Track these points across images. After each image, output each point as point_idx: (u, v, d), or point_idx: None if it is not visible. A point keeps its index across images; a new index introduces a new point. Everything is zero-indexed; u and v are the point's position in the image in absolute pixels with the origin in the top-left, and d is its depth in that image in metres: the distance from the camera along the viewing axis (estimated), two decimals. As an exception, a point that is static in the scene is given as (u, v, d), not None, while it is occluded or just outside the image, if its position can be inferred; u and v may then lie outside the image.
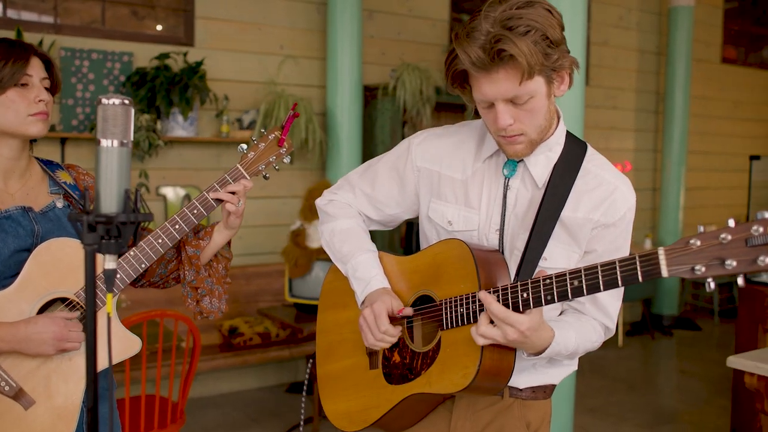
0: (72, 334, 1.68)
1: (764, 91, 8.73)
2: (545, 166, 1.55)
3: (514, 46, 1.34)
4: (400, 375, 1.62)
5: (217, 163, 4.92)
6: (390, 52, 5.70)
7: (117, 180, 1.13)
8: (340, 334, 1.80)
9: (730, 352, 6.52)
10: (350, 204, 1.79)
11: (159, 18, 4.86)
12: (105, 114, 1.13)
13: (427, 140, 1.71)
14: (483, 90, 1.43)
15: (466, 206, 1.61)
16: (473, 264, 1.49)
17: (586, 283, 1.30)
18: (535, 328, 1.39)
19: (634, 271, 1.23)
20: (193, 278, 1.88)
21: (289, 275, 4.34)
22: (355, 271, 1.69)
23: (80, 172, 1.93)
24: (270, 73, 5.10)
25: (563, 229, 1.53)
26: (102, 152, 1.13)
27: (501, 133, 1.47)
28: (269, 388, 5.19)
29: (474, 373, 1.45)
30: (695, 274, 1.15)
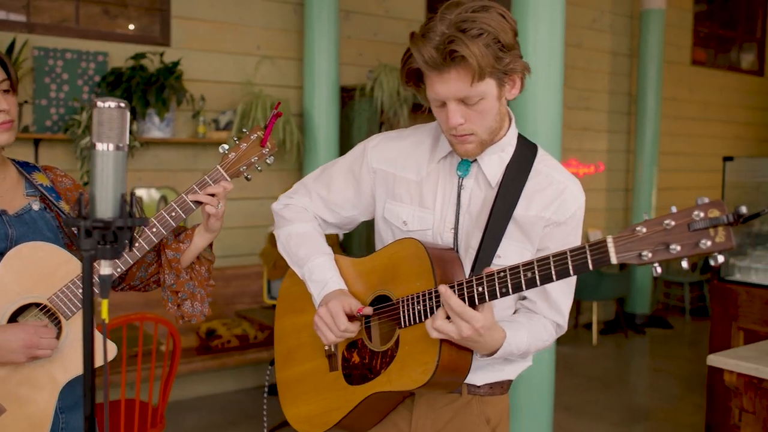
0: (43, 341, 1.63)
1: (733, 93, 8.89)
2: (498, 166, 1.60)
3: (466, 47, 1.38)
4: (360, 375, 1.64)
5: (194, 164, 4.88)
6: (367, 53, 5.70)
7: (113, 184, 1.12)
8: (298, 338, 1.80)
9: (702, 349, 6.65)
10: (306, 208, 1.81)
11: (134, 17, 4.81)
12: (100, 117, 1.11)
13: (382, 143, 1.74)
14: (435, 89, 1.47)
15: (421, 206, 1.65)
16: (428, 261, 1.52)
17: (539, 273, 1.33)
18: (488, 327, 1.42)
19: (584, 259, 1.27)
20: (173, 282, 1.84)
21: (267, 277, 4.32)
22: (312, 274, 1.71)
23: (57, 173, 1.89)
24: (247, 74, 5.07)
25: (516, 228, 1.57)
26: (98, 156, 1.11)
27: (452, 132, 1.52)
28: (246, 390, 5.15)
29: (433, 369, 1.47)
30: (642, 260, 1.20)
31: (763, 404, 2.39)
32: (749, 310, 3.87)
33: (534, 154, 1.62)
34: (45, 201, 1.82)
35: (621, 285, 6.80)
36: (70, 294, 1.69)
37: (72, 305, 1.69)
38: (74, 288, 1.69)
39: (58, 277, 1.69)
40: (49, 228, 1.80)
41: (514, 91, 1.53)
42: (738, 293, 3.91)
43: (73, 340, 1.71)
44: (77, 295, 1.68)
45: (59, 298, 1.69)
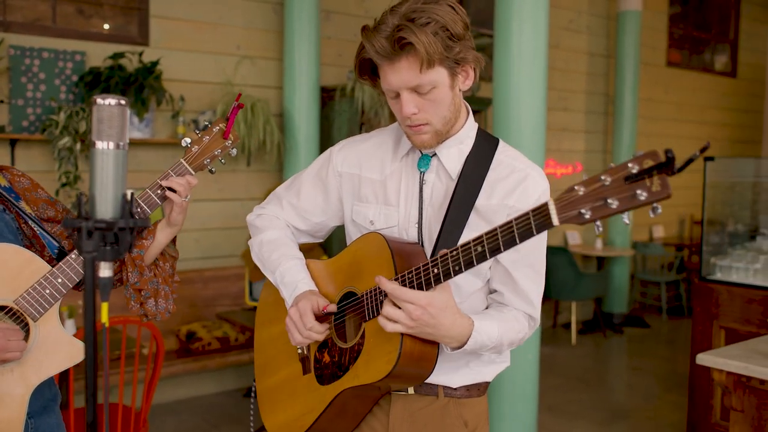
0: (11, 343, 1.59)
1: (706, 94, 9.02)
2: (458, 158, 1.61)
3: (414, 35, 1.42)
4: (331, 374, 1.64)
5: (174, 165, 4.82)
6: (346, 54, 5.68)
7: (113, 184, 1.09)
8: (275, 347, 1.81)
9: (679, 348, 6.72)
10: (278, 216, 1.83)
11: (112, 16, 4.73)
12: (100, 115, 1.08)
13: (347, 146, 1.77)
14: (388, 79, 1.50)
15: (385, 204, 1.66)
16: (389, 252, 1.52)
17: (487, 246, 1.33)
18: (439, 306, 1.41)
19: (528, 225, 1.26)
20: (136, 280, 1.79)
21: (249, 278, 4.27)
22: (283, 277, 1.72)
23: (14, 173, 1.84)
24: (227, 74, 5.02)
25: (479, 217, 1.58)
26: (97, 155, 1.08)
27: (407, 122, 1.54)
28: (227, 392, 5.10)
29: (396, 357, 1.46)
30: (583, 218, 1.19)
31: (752, 402, 2.41)
32: (730, 309, 3.91)
33: (495, 146, 1.64)
34: (3, 202, 1.77)
35: (599, 285, 6.85)
36: (36, 295, 1.65)
37: (39, 306, 1.65)
38: (41, 289, 1.65)
39: (23, 279, 1.65)
40: (9, 230, 1.75)
41: (468, 82, 1.55)
42: (719, 292, 3.95)
43: (43, 341, 1.67)
44: (44, 296, 1.65)
45: (26, 300, 1.65)
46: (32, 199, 1.81)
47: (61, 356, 1.68)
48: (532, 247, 1.56)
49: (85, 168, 4.40)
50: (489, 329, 1.51)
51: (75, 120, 4.20)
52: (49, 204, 1.83)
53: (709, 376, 3.98)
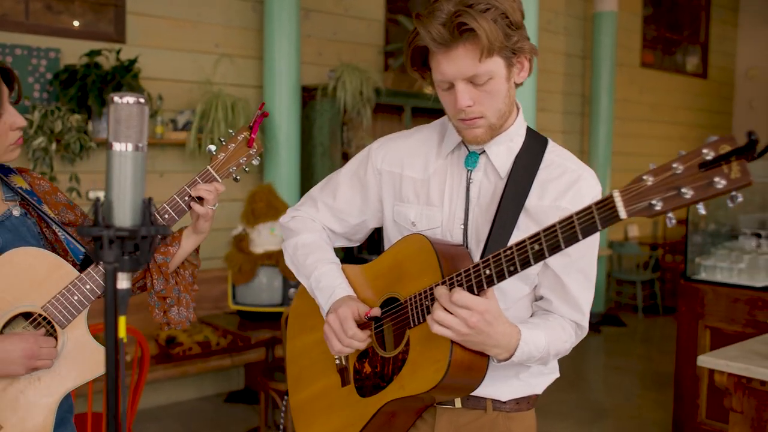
0: (43, 350, 1.55)
1: (679, 95, 9.12)
2: (507, 156, 1.53)
3: (474, 20, 1.34)
4: (373, 386, 1.55)
5: (152, 165, 4.70)
6: (326, 53, 5.61)
7: (132, 188, 1.02)
8: (310, 358, 1.73)
9: (655, 346, 6.78)
10: (313, 218, 1.76)
11: (87, 12, 4.60)
12: (118, 114, 1.01)
13: (387, 144, 1.69)
14: (442, 69, 1.42)
15: (428, 204, 1.58)
16: (434, 254, 1.44)
17: (546, 243, 1.25)
18: (494, 314, 1.34)
19: (592, 219, 1.18)
20: (162, 287, 1.76)
21: (232, 281, 4.19)
22: (319, 282, 1.64)
23: (34, 176, 1.79)
24: (205, 73, 4.92)
25: (529, 218, 1.50)
26: (114, 157, 1.01)
27: (460, 115, 1.45)
28: (208, 398, 5.00)
29: (446, 366, 1.38)
30: (654, 210, 1.11)
31: (751, 404, 2.40)
32: (715, 309, 3.93)
33: (544, 145, 1.56)
34: (25, 205, 1.71)
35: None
36: (65, 301, 1.60)
37: (68, 313, 1.60)
38: (69, 295, 1.60)
39: (51, 284, 1.60)
40: (32, 234, 1.70)
41: (523, 74, 1.48)
42: (704, 292, 3.97)
43: (70, 349, 1.63)
44: (72, 302, 1.60)
45: (54, 306, 1.60)
46: (53, 203, 1.75)
47: (89, 365, 1.63)
48: (583, 252, 1.49)
49: (61, 169, 4.27)
50: (537, 339, 1.43)
51: (50, 119, 4.07)
52: (69, 208, 1.78)
53: (695, 375, 4.01)
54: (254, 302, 4.17)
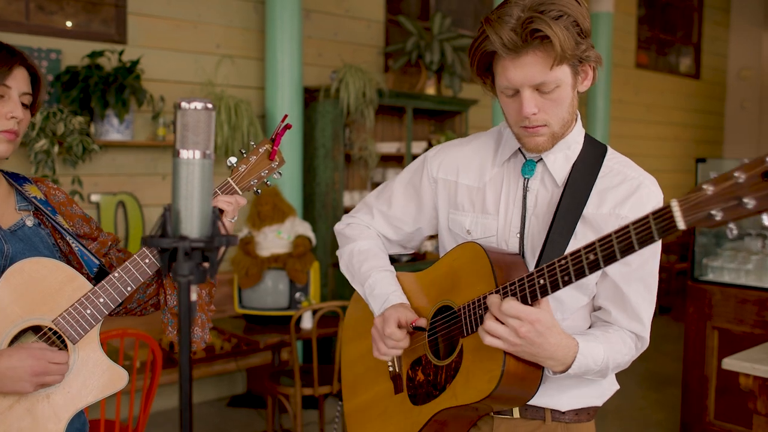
0: (53, 367, 1.48)
1: (672, 95, 9.16)
2: (564, 164, 1.52)
3: (549, 27, 1.32)
4: (426, 393, 1.55)
5: (154, 168, 4.64)
6: (326, 53, 5.57)
7: (199, 197, 0.98)
8: (364, 365, 1.74)
9: (652, 346, 6.76)
10: (369, 225, 1.77)
11: (88, 13, 4.53)
12: (185, 120, 0.97)
13: (442, 151, 1.68)
14: (509, 75, 1.39)
15: (483, 213, 1.57)
16: (488, 263, 1.44)
17: (601, 254, 1.23)
18: (546, 324, 1.32)
19: (649, 230, 1.16)
20: (175, 304, 1.68)
21: (238, 285, 4.14)
22: (373, 290, 1.65)
23: (50, 186, 1.73)
24: (207, 73, 4.87)
25: (587, 227, 1.48)
26: (182, 165, 0.97)
27: (524, 123, 1.43)
28: (210, 402, 4.95)
29: (499, 376, 1.37)
30: (714, 220, 1.08)
31: (775, 406, 2.40)
32: (723, 310, 3.93)
33: (603, 153, 1.54)
34: (39, 216, 1.65)
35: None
36: (77, 315, 1.53)
37: (80, 327, 1.53)
38: (81, 309, 1.53)
39: (63, 297, 1.54)
40: (45, 245, 1.64)
41: (587, 83, 1.46)
42: (712, 293, 3.97)
43: (82, 365, 1.55)
44: (85, 316, 1.53)
45: (65, 320, 1.53)
46: (68, 214, 1.69)
47: (101, 382, 1.56)
48: (645, 260, 1.46)
49: (63, 172, 4.20)
50: (594, 352, 1.41)
51: (52, 122, 4.01)
52: (84, 220, 1.72)
53: (703, 375, 4.01)
54: (260, 306, 4.13)
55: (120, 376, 1.58)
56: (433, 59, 5.51)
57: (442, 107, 5.73)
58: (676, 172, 9.11)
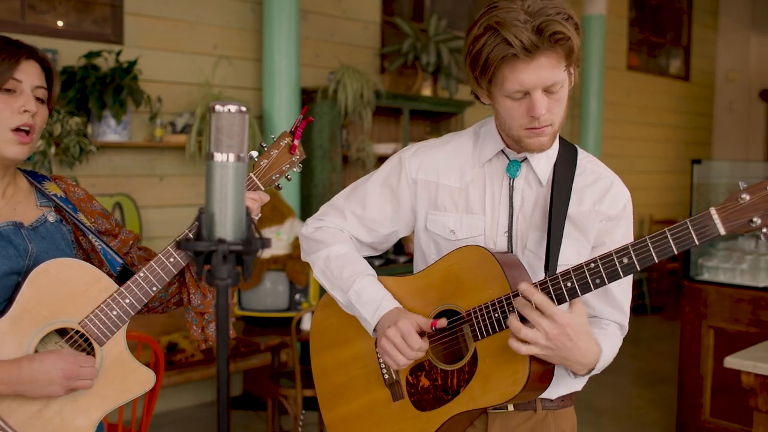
0: (84, 370, 1.48)
1: (663, 97, 9.23)
2: (547, 164, 1.57)
3: (566, 29, 1.37)
4: (434, 398, 1.55)
5: (151, 169, 4.63)
6: (324, 54, 5.57)
7: (233, 200, 0.99)
8: (346, 373, 1.70)
9: (645, 346, 6.84)
10: (342, 229, 1.72)
11: (85, 13, 4.52)
12: (219, 123, 0.98)
13: (420, 152, 1.68)
14: (522, 78, 1.40)
15: (468, 213, 1.59)
16: (498, 266, 1.46)
17: (636, 257, 1.29)
18: (577, 329, 1.35)
19: (688, 234, 1.24)
20: (199, 302, 1.68)
21: (238, 286, 4.14)
22: (360, 297, 1.61)
23: (69, 183, 1.73)
24: (204, 74, 4.86)
25: (572, 226, 1.54)
26: (216, 168, 0.98)
27: (532, 124, 1.45)
28: (207, 405, 4.94)
29: (525, 379, 1.41)
30: (752, 226, 1.18)
31: (776, 404, 2.43)
32: (719, 309, 3.97)
33: (575, 152, 1.60)
34: (60, 212, 1.65)
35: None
36: (103, 317, 1.53)
37: (106, 329, 1.53)
38: (108, 310, 1.53)
39: (90, 299, 1.53)
40: (66, 243, 1.64)
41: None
42: (708, 293, 4.01)
43: (108, 368, 1.55)
44: (111, 317, 1.53)
45: (92, 322, 1.53)
46: (88, 211, 1.68)
47: (129, 384, 1.56)
48: None
49: (60, 173, 4.18)
50: (607, 351, 1.47)
51: (48, 122, 3.99)
52: (103, 216, 1.72)
53: (699, 374, 4.05)
54: (260, 307, 4.13)
55: (147, 377, 1.58)
56: (430, 61, 5.53)
57: (438, 108, 5.75)
58: (668, 173, 9.17)
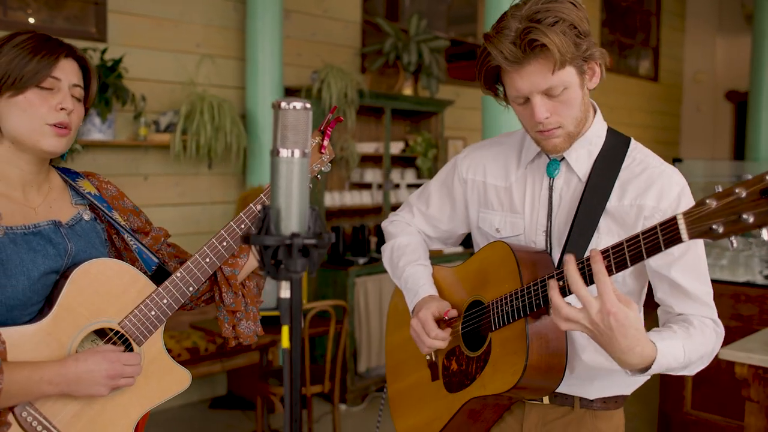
0: (127, 369, 1.49)
1: (634, 97, 9.40)
2: (587, 160, 1.56)
3: (544, 35, 1.37)
4: (459, 382, 1.64)
5: (135, 168, 4.59)
6: (306, 53, 5.57)
7: (298, 195, 1.01)
8: (405, 352, 1.85)
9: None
10: (409, 223, 1.88)
11: (68, 10, 4.46)
12: (284, 120, 1.00)
13: (471, 153, 1.77)
14: (516, 85, 1.45)
15: (511, 212, 1.64)
16: (515, 262, 1.51)
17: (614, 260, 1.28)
18: (626, 324, 1.27)
19: (656, 240, 1.21)
20: (232, 301, 1.70)
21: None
22: (407, 283, 1.76)
23: (101, 180, 1.72)
24: (188, 73, 4.83)
25: (611, 220, 1.52)
26: (282, 164, 1.00)
27: (538, 127, 1.49)
28: (193, 404, 4.91)
29: (522, 369, 1.45)
30: (715, 233, 1.12)
31: (767, 393, 2.52)
32: (716, 305, 4.07)
33: (627, 145, 1.58)
34: (94, 210, 1.65)
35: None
36: (142, 317, 1.54)
37: (145, 329, 1.54)
38: (146, 310, 1.54)
39: (128, 299, 1.54)
40: (100, 241, 1.64)
41: (595, 80, 1.51)
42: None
43: (147, 367, 1.56)
44: (150, 318, 1.55)
45: (131, 322, 1.54)
46: (120, 209, 1.68)
47: (166, 383, 1.58)
48: (685, 249, 1.47)
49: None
50: (674, 350, 1.39)
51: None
52: (135, 214, 1.71)
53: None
54: (249, 306, 4.12)
55: (183, 377, 1.59)
56: (411, 60, 5.57)
57: (419, 108, 5.79)
58: (637, 172, 9.35)
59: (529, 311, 1.46)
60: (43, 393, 1.43)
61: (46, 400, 1.46)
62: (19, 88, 1.46)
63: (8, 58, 1.45)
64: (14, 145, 1.50)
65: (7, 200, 1.50)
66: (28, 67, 1.46)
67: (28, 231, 1.50)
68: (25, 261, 1.46)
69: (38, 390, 1.42)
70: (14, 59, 1.45)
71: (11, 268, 1.45)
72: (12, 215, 1.49)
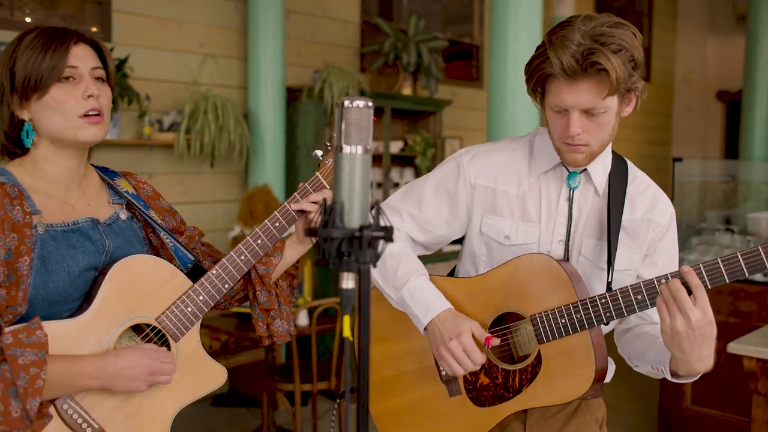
0: (165, 366, 1.51)
1: (625, 98, 9.49)
2: (603, 175, 1.65)
3: (609, 61, 1.41)
4: (494, 396, 1.64)
5: (140, 167, 4.60)
6: (306, 53, 5.60)
7: (360, 190, 1.05)
8: (397, 367, 1.76)
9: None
10: (397, 228, 1.77)
11: (73, 10, 4.46)
12: (348, 118, 1.04)
13: (478, 157, 1.73)
14: (563, 96, 1.48)
15: (524, 220, 1.66)
16: (565, 275, 1.55)
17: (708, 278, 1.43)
18: (711, 336, 1.40)
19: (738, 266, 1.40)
20: (265, 299, 1.70)
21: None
22: (413, 295, 1.66)
23: (138, 180, 1.74)
24: (191, 72, 4.85)
25: (624, 233, 1.62)
26: (346, 160, 1.04)
27: (566, 140, 1.53)
28: (194, 402, 4.92)
29: (591, 379, 1.53)
30: None
31: (775, 386, 2.58)
32: (715, 302, 4.14)
33: (626, 163, 1.69)
34: (131, 209, 1.67)
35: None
36: (179, 313, 1.55)
37: (181, 325, 1.56)
38: (183, 306, 1.56)
39: (165, 295, 1.56)
40: (138, 239, 1.66)
41: (628, 109, 1.56)
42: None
43: (183, 363, 1.57)
44: (186, 314, 1.56)
45: (168, 318, 1.55)
46: (156, 208, 1.69)
47: (203, 379, 1.59)
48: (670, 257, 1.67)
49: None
50: None
51: (40, 120, 3.94)
52: (170, 214, 1.73)
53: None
54: (255, 304, 4.15)
55: (219, 373, 1.61)
56: (410, 60, 5.61)
57: (418, 107, 5.84)
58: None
59: (597, 323, 1.52)
60: (83, 386, 1.46)
61: (86, 393, 1.49)
62: (42, 87, 1.46)
63: (23, 61, 1.46)
64: (53, 143, 1.52)
65: (48, 198, 1.52)
66: (43, 64, 1.46)
67: (68, 228, 1.52)
68: (65, 257, 1.48)
69: (78, 383, 1.45)
70: (29, 60, 1.46)
71: (52, 264, 1.47)
72: (52, 213, 1.51)
